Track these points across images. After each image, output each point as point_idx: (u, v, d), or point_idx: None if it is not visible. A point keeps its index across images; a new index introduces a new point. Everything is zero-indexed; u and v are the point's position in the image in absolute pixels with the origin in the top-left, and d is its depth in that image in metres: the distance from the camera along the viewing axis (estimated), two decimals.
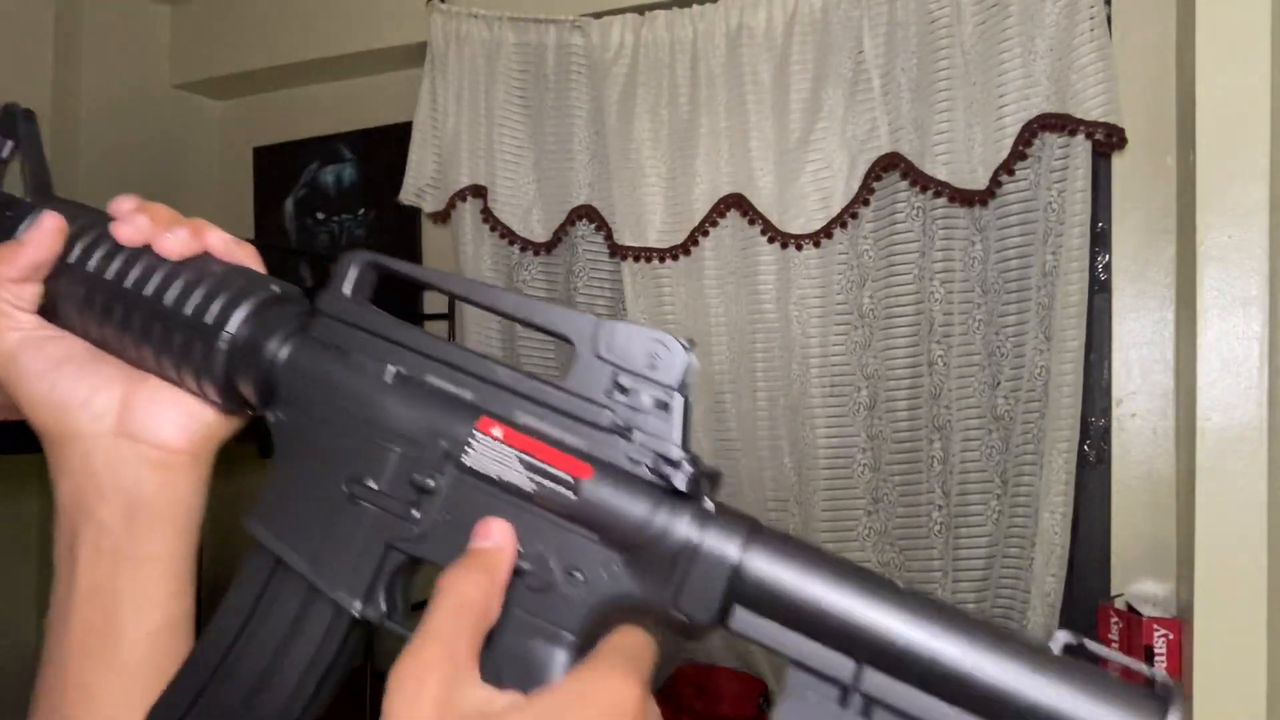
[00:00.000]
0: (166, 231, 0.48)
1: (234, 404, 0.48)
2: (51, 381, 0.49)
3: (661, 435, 0.40)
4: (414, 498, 0.42)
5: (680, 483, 0.39)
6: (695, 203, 2.14)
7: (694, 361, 0.40)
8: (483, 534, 0.40)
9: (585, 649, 0.39)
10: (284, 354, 0.46)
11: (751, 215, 2.10)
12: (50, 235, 0.48)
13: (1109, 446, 1.93)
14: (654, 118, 2.18)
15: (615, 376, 0.40)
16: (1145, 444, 1.89)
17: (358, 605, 0.43)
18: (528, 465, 0.40)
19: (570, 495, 0.40)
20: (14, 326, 0.49)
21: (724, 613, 0.38)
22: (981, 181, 1.89)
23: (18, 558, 2.54)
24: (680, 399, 0.40)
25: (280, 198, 2.82)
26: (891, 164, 1.98)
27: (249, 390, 0.47)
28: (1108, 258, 1.94)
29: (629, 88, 2.19)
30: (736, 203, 2.11)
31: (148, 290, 0.47)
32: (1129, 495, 1.89)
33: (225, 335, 0.46)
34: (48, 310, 0.50)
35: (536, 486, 0.40)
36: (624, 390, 0.40)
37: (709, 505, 0.39)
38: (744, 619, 0.38)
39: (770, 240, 2.10)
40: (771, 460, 2.14)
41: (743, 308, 2.15)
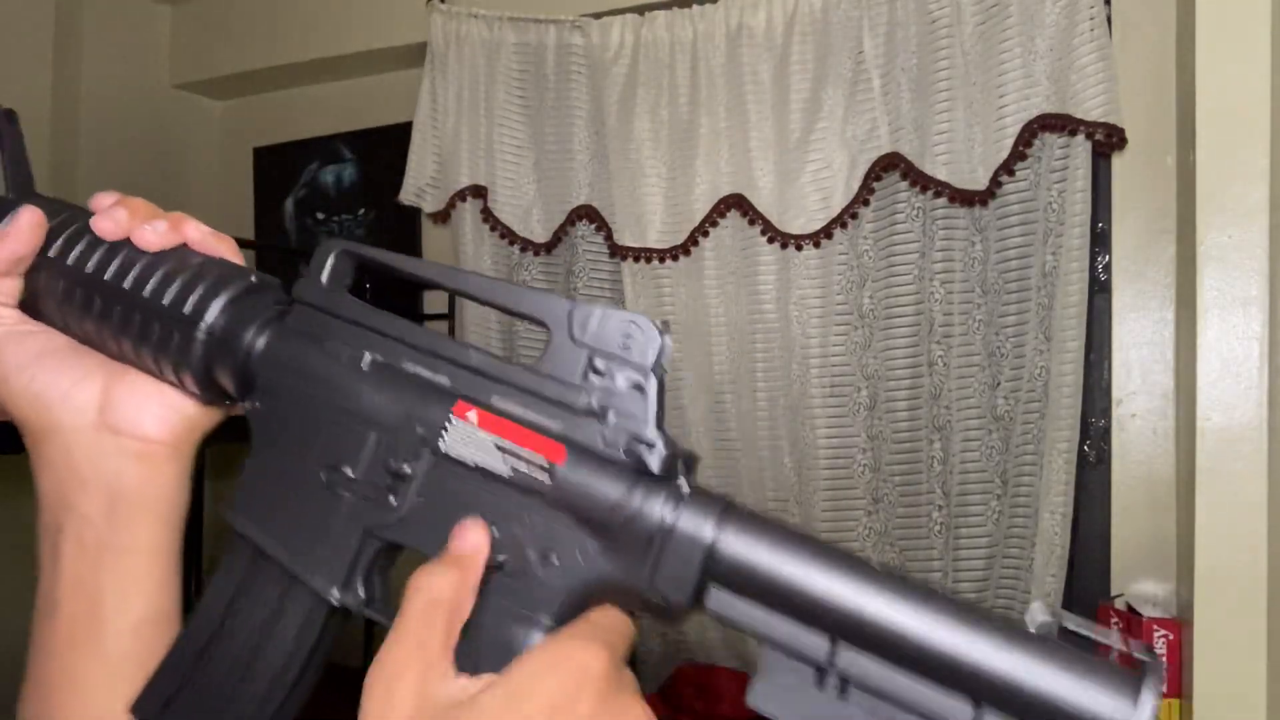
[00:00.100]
0: (145, 224, 0.48)
1: (213, 394, 0.48)
2: (31, 375, 0.49)
3: (637, 416, 0.40)
4: (391, 484, 0.42)
5: (654, 463, 0.39)
6: (695, 203, 2.14)
7: (667, 343, 0.39)
8: (459, 536, 0.40)
9: None
10: (261, 343, 0.46)
11: (751, 215, 2.10)
12: (30, 229, 0.49)
13: (1109, 446, 1.92)
14: (654, 118, 2.18)
15: (590, 359, 0.40)
16: (1145, 444, 1.89)
17: (336, 592, 0.43)
18: (503, 449, 0.41)
19: (545, 478, 0.40)
20: None
21: (699, 593, 0.38)
22: (981, 181, 1.89)
23: (17, 558, 2.53)
24: (655, 380, 0.40)
25: (280, 198, 2.82)
26: (891, 164, 1.98)
27: (227, 380, 0.47)
28: (1108, 258, 1.94)
29: (629, 88, 2.19)
30: (736, 203, 2.11)
31: (126, 282, 0.47)
32: (1129, 495, 1.89)
33: (202, 325, 0.46)
34: (28, 305, 0.50)
35: (512, 470, 0.40)
36: (599, 373, 0.40)
37: (683, 486, 0.39)
38: (719, 599, 0.38)
39: (770, 240, 2.09)
40: (771, 460, 2.14)
41: (743, 308, 2.15)
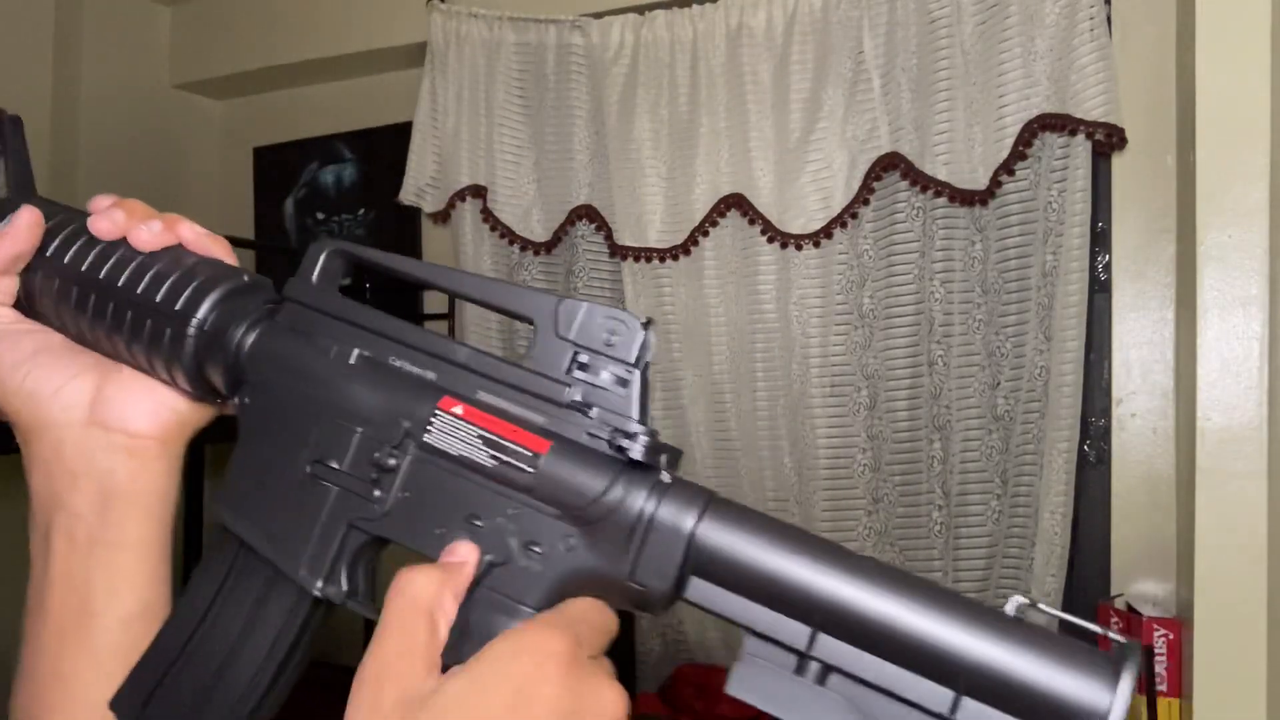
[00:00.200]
0: (141, 224, 0.49)
1: (204, 391, 0.49)
2: (25, 372, 0.49)
3: (620, 410, 0.40)
4: (376, 477, 0.43)
5: (637, 455, 0.39)
6: (695, 203, 2.14)
7: (651, 337, 0.40)
8: (448, 554, 0.41)
9: None
10: (250, 340, 0.47)
11: (751, 215, 2.10)
12: (27, 229, 0.49)
13: (1109, 446, 1.92)
14: (654, 118, 2.18)
15: (575, 354, 0.41)
16: (1145, 444, 1.89)
17: (318, 584, 0.43)
18: (487, 441, 0.41)
19: (528, 470, 0.40)
20: None
21: (681, 582, 0.39)
22: (981, 181, 1.89)
23: (17, 558, 2.53)
24: (638, 374, 0.40)
25: (280, 198, 2.82)
26: (891, 164, 1.98)
27: (218, 377, 0.48)
28: (1108, 258, 1.94)
29: (629, 88, 2.19)
30: (736, 203, 2.11)
31: (120, 280, 0.48)
32: (1129, 495, 1.89)
33: (194, 322, 0.47)
34: (25, 304, 0.51)
35: (496, 462, 0.41)
36: (584, 367, 0.41)
37: (665, 478, 0.40)
38: (700, 589, 0.39)
39: (770, 240, 2.09)
40: (771, 460, 2.14)
41: (743, 308, 2.15)
